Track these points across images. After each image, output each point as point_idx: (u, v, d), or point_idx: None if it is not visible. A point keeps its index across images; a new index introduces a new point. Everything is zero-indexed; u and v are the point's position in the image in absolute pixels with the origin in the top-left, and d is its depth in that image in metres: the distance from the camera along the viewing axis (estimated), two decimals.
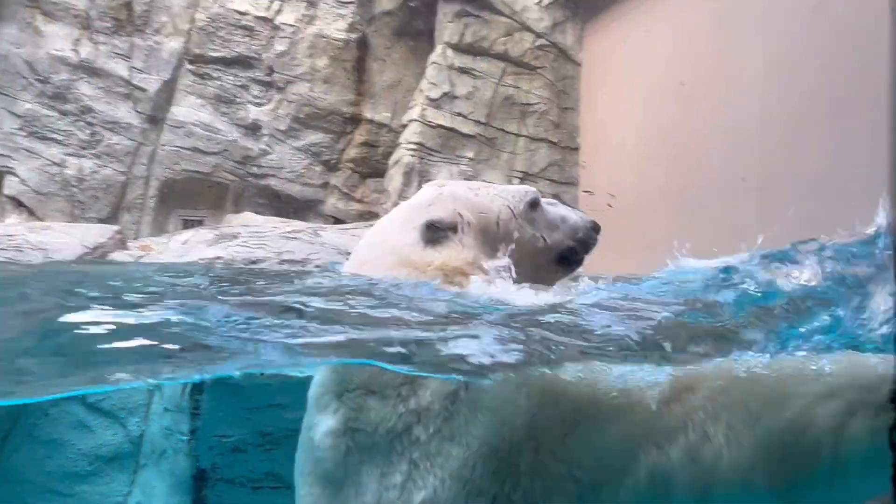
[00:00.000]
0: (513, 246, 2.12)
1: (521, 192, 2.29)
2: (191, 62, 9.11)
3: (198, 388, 3.89)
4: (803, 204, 5.17)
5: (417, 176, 8.91)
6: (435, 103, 9.14)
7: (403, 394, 1.73)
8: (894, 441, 1.09)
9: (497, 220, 2.17)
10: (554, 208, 2.36)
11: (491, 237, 2.14)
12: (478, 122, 9.34)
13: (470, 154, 9.26)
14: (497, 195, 2.24)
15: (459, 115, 9.24)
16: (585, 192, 9.27)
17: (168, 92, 9.04)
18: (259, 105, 9.37)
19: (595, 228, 2.35)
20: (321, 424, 1.89)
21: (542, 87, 9.70)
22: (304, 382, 3.96)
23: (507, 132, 9.51)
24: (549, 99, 9.71)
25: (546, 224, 2.27)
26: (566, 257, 2.30)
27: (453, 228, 2.10)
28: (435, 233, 2.09)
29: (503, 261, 2.07)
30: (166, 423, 4.01)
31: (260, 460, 3.87)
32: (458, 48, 9.34)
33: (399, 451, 1.67)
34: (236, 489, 3.79)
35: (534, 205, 2.27)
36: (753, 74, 6.04)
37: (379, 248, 2.19)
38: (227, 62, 9.19)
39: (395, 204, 8.88)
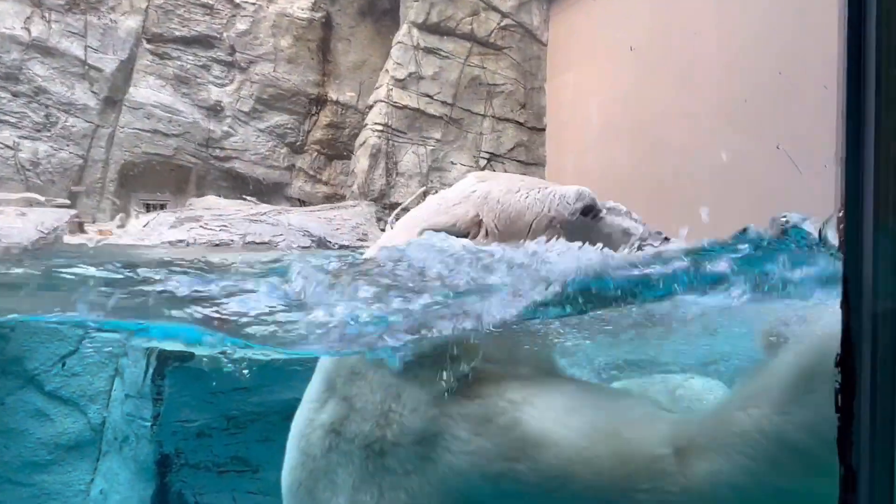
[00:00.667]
0: None
1: (570, 196, 1.93)
2: (149, 41, 8.85)
3: (160, 373, 3.82)
4: (763, 181, 5.26)
5: (384, 157, 8.84)
6: (401, 84, 9.05)
7: (382, 423, 1.66)
8: (840, 405, 1.11)
9: (529, 229, 1.86)
10: (614, 217, 2.01)
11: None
12: (444, 103, 9.28)
13: (437, 135, 9.21)
14: (539, 199, 1.91)
15: (426, 95, 9.17)
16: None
17: (125, 72, 8.79)
18: (221, 86, 9.17)
19: (663, 242, 1.98)
20: (316, 411, 1.86)
21: (509, 67, 9.67)
22: (268, 365, 3.93)
23: (474, 113, 9.47)
24: (516, 79, 9.69)
25: (602, 236, 1.91)
26: None
27: (467, 234, 1.84)
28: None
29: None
30: (128, 409, 3.94)
31: (225, 444, 3.83)
32: (424, 28, 9.25)
33: (371, 471, 1.63)
34: (201, 474, 3.75)
35: (587, 212, 1.93)
36: (715, 55, 6.10)
37: (401, 237, 1.95)
38: (187, 41, 8.96)
39: (362, 186, 8.85)
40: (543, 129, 9.87)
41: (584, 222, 1.91)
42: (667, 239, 1.96)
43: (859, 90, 1.17)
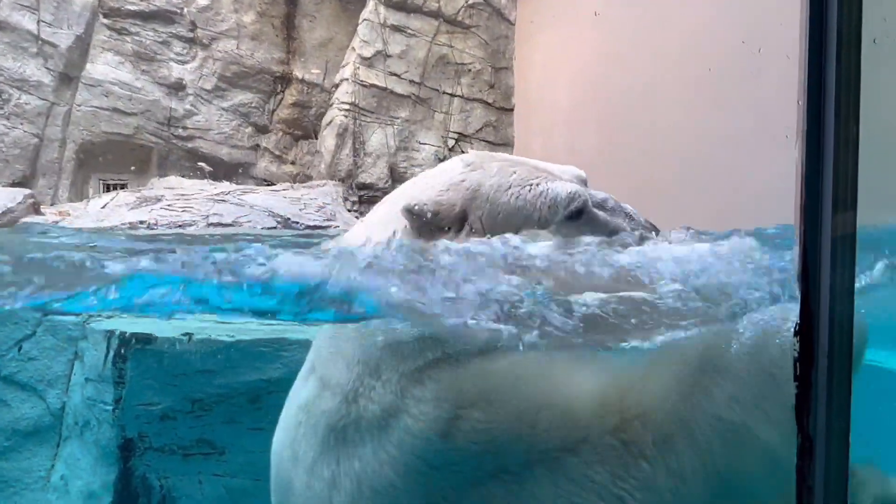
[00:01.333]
0: None
1: (561, 199, 1.78)
2: (105, 16, 8.56)
3: (121, 356, 3.74)
4: (728, 161, 5.34)
5: (351, 137, 8.73)
6: (368, 62, 8.93)
7: (350, 398, 1.62)
8: (797, 374, 1.13)
9: (516, 232, 1.74)
10: (604, 213, 1.89)
11: None
12: (412, 82, 9.19)
13: (404, 114, 9.13)
14: (530, 200, 1.76)
15: (393, 74, 9.06)
16: None
17: (82, 48, 8.50)
18: (182, 63, 8.94)
19: None
20: (297, 390, 1.83)
21: (477, 46, 9.60)
22: (232, 347, 3.87)
23: (442, 92, 9.40)
24: (484, 59, 9.63)
25: (591, 235, 1.81)
26: None
27: (449, 228, 1.72)
28: (421, 223, 1.71)
29: None
30: (89, 393, 3.85)
31: (190, 427, 3.77)
32: (391, 5, 9.11)
33: (331, 444, 1.61)
34: (166, 457, 3.69)
35: (576, 215, 1.80)
36: (680, 36, 6.13)
37: (383, 215, 1.82)
38: (146, 16, 8.69)
39: (329, 166, 8.74)
40: (512, 110, 9.86)
41: (573, 225, 1.79)
42: (656, 231, 1.89)
43: (820, 70, 1.17)
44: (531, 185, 1.80)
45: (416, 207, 1.70)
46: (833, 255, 1.14)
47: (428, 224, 1.70)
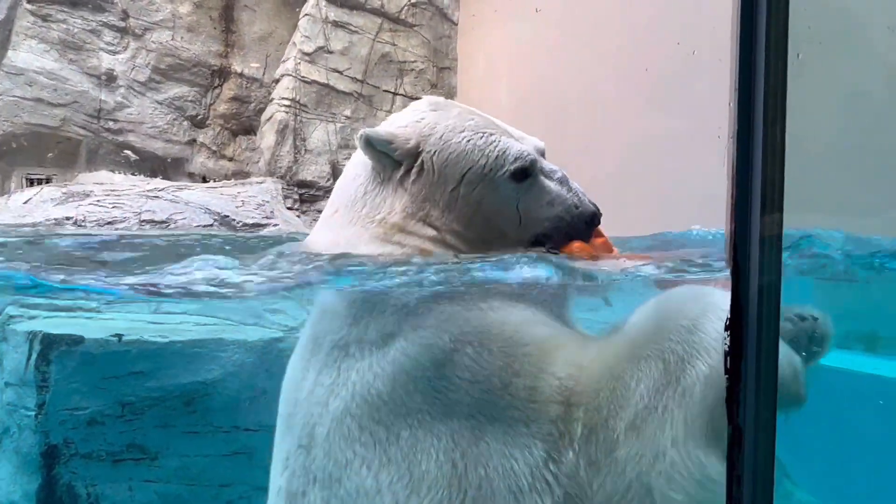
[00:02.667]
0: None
1: (510, 154, 1.80)
2: (30, 1, 8.14)
3: (45, 358, 3.56)
4: (667, 161, 5.49)
5: (291, 133, 8.58)
6: (309, 58, 8.79)
7: (351, 322, 1.73)
8: (728, 368, 1.16)
9: (462, 178, 1.76)
10: (550, 182, 1.89)
11: (447, 196, 1.76)
12: (354, 79, 9.10)
13: (347, 112, 9.03)
14: (480, 147, 1.78)
15: (335, 70, 8.95)
16: None
17: (3, 35, 8.05)
18: (113, 53, 8.58)
19: (589, 221, 1.88)
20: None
21: (419, 45, 9.59)
22: (166, 348, 3.75)
23: (385, 90, 9.35)
24: (427, 57, 9.63)
25: (533, 199, 1.83)
26: (540, 243, 1.85)
27: (401, 163, 1.77)
28: (377, 155, 1.75)
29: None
30: (9, 398, 3.65)
31: (120, 432, 3.63)
32: (333, 1, 9.00)
33: (334, 358, 1.71)
34: (93, 464, 3.54)
35: (523, 174, 1.82)
36: (622, 35, 6.28)
37: (342, 194, 1.89)
38: (74, 3, 8.31)
39: (268, 162, 8.56)
40: None
41: (512, 186, 1.80)
42: (599, 214, 1.93)
43: (750, 77, 1.22)
44: (485, 133, 1.83)
45: (373, 135, 1.75)
46: (762, 254, 1.19)
47: (383, 156, 1.76)
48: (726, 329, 1.17)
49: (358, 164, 1.88)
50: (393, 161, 1.78)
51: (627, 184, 5.70)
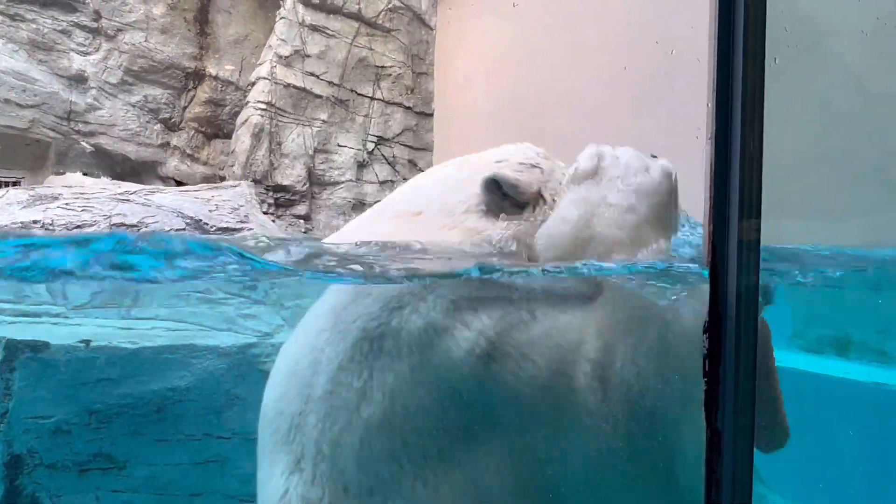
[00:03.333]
0: None
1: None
2: None
3: (8, 365, 3.45)
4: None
5: (267, 137, 8.50)
6: (285, 61, 8.72)
7: (393, 305, 1.59)
8: (707, 371, 1.15)
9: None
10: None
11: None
12: (331, 83, 9.05)
13: (323, 116, 8.97)
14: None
15: (311, 74, 8.89)
16: None
17: None
18: (85, 54, 8.43)
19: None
20: (328, 296, 1.84)
21: (397, 50, 9.57)
22: (136, 354, 3.66)
23: (362, 95, 9.31)
24: (404, 63, 9.61)
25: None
26: None
27: (522, 206, 1.76)
28: (499, 198, 1.74)
29: None
30: None
31: (87, 441, 3.53)
32: (310, 4, 8.95)
33: (363, 352, 1.56)
34: (59, 474, 3.44)
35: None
36: (597, 43, 6.33)
37: (431, 201, 1.83)
38: (43, 3, 8.15)
39: (243, 166, 8.47)
40: (432, 115, 9.88)
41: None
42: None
43: (728, 79, 1.21)
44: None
45: (502, 179, 1.75)
46: (739, 257, 1.18)
47: (504, 195, 1.75)
48: (705, 332, 1.16)
49: (461, 182, 1.84)
50: (512, 201, 1.77)
51: None
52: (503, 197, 1.75)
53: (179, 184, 8.56)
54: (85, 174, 8.21)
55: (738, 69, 1.19)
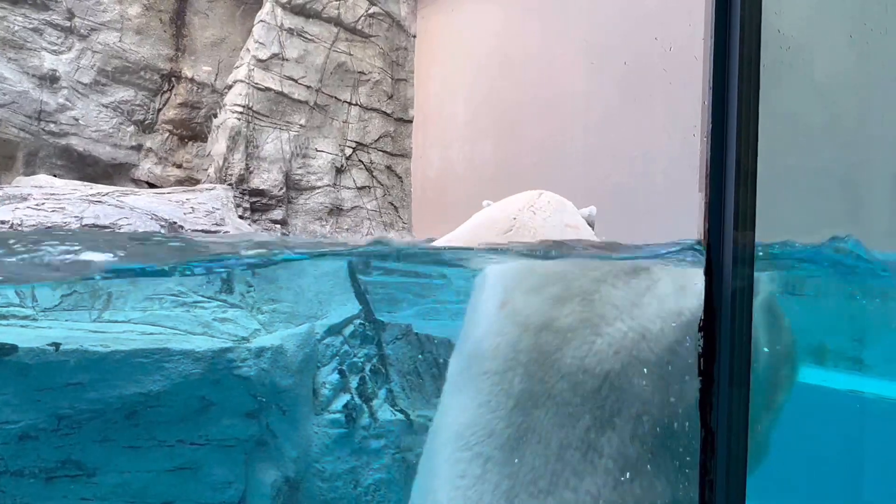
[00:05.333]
0: None
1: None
2: None
3: None
4: (624, 175, 5.57)
5: (244, 141, 8.40)
6: (263, 64, 8.64)
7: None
8: (701, 369, 1.14)
9: None
10: None
11: None
12: (309, 88, 8.98)
13: (301, 120, 8.90)
14: None
15: (290, 78, 8.82)
16: None
17: None
18: (57, 53, 8.25)
19: None
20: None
21: (376, 56, 9.55)
22: (107, 358, 3.56)
23: (340, 100, 9.26)
24: (383, 69, 9.59)
25: None
26: None
27: None
28: None
29: None
30: None
31: (55, 447, 3.42)
32: (289, 8, 8.89)
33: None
34: (25, 481, 3.32)
35: None
36: (576, 52, 6.38)
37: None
38: (14, 0, 7.97)
39: (219, 170, 8.36)
40: (410, 121, 9.86)
41: None
42: None
43: (724, 75, 1.21)
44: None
45: None
46: (735, 253, 1.18)
47: None
48: (700, 330, 1.15)
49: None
50: None
51: (590, 191, 5.75)
52: None
53: (153, 187, 8.41)
54: (55, 175, 8.03)
55: (734, 68, 1.19)
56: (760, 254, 1.23)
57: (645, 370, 1.59)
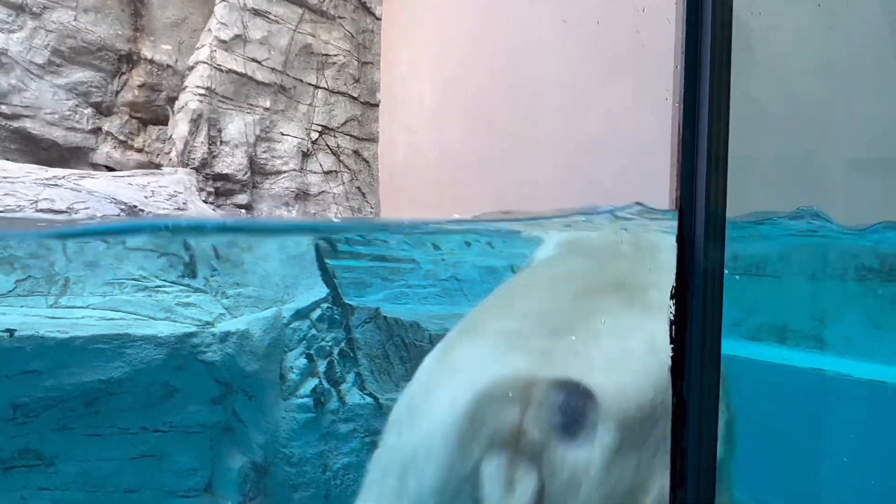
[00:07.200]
0: None
1: None
2: None
3: None
4: (593, 163, 5.59)
5: (206, 124, 8.20)
6: (226, 46, 8.43)
7: None
8: (673, 337, 1.13)
9: None
10: None
11: None
12: (273, 70, 8.81)
13: (265, 103, 8.73)
14: None
15: (253, 60, 8.64)
16: None
17: None
18: (7, 32, 7.93)
19: None
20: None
21: (342, 38, 9.40)
22: (64, 344, 3.45)
23: (305, 83, 9.10)
24: (349, 52, 9.45)
25: None
26: None
27: None
28: None
29: None
30: None
31: (11, 436, 3.31)
32: None
33: None
34: None
35: None
36: (545, 37, 6.35)
37: None
38: None
39: (181, 153, 8.17)
40: (377, 105, 9.75)
41: None
42: None
43: (696, 42, 1.20)
44: None
45: None
46: (707, 222, 1.17)
47: None
48: (672, 297, 1.14)
49: None
50: None
51: (565, 178, 5.76)
52: None
53: (111, 171, 8.17)
54: (8, 160, 7.74)
55: (706, 33, 1.17)
56: (733, 223, 1.22)
57: None
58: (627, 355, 1.69)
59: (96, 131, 8.49)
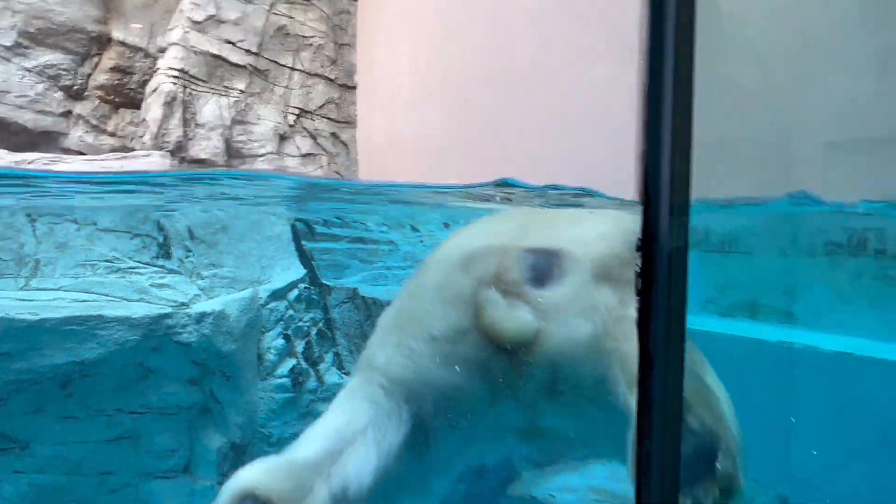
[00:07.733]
0: None
1: None
2: None
3: None
4: (570, 143, 5.60)
5: (180, 106, 8.08)
6: (199, 27, 8.30)
7: None
8: (639, 290, 1.14)
9: None
10: None
11: None
12: (249, 52, 8.69)
13: (241, 86, 8.62)
14: None
15: (228, 42, 8.51)
16: None
17: None
18: None
19: None
20: None
21: (318, 19, 9.29)
22: (35, 326, 3.40)
23: (282, 65, 9.00)
24: (326, 33, 9.35)
25: None
26: None
27: None
28: None
29: None
30: None
31: None
32: None
33: None
34: None
35: None
36: (522, 17, 6.33)
37: None
38: None
39: (154, 137, 8.04)
40: (355, 87, 9.67)
41: None
42: None
43: (661, 21, 1.20)
44: None
45: None
46: (672, 179, 1.18)
47: None
48: (638, 249, 1.15)
49: None
50: None
51: (545, 161, 5.76)
52: None
53: (84, 155, 8.03)
54: None
55: (669, 15, 1.17)
56: (705, 202, 1.24)
57: None
58: (592, 226, 2.12)
59: (67, 115, 8.32)
